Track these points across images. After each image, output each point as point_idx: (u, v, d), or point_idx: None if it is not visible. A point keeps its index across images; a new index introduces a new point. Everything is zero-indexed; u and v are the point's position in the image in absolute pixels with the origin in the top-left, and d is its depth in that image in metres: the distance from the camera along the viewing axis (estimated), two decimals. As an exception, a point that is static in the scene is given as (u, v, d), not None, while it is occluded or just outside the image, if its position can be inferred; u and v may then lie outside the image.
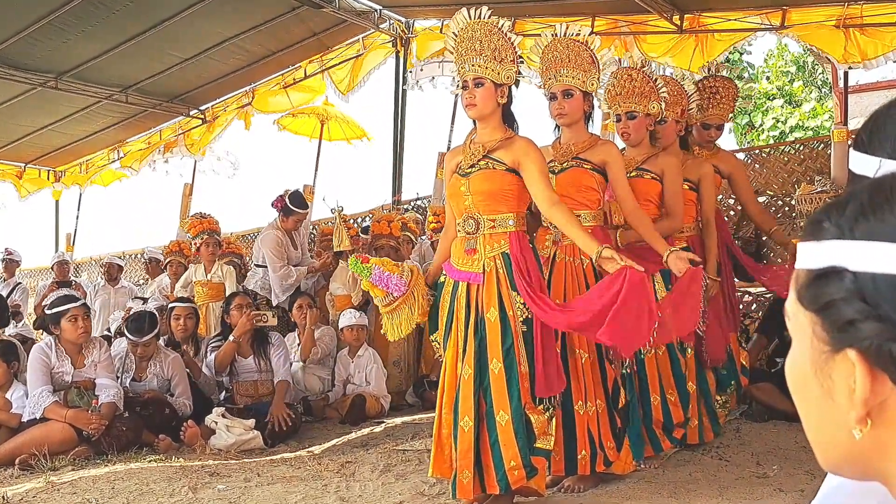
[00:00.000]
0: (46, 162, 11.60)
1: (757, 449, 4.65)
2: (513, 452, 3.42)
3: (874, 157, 0.92)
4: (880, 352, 0.68)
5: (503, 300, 3.53)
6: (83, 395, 5.24)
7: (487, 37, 3.60)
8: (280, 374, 5.87)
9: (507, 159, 3.59)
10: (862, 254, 0.69)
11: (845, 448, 0.74)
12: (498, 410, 3.47)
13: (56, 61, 8.39)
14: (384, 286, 3.77)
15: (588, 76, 3.97)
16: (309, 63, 9.44)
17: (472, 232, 3.63)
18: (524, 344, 3.52)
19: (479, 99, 3.59)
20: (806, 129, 17.86)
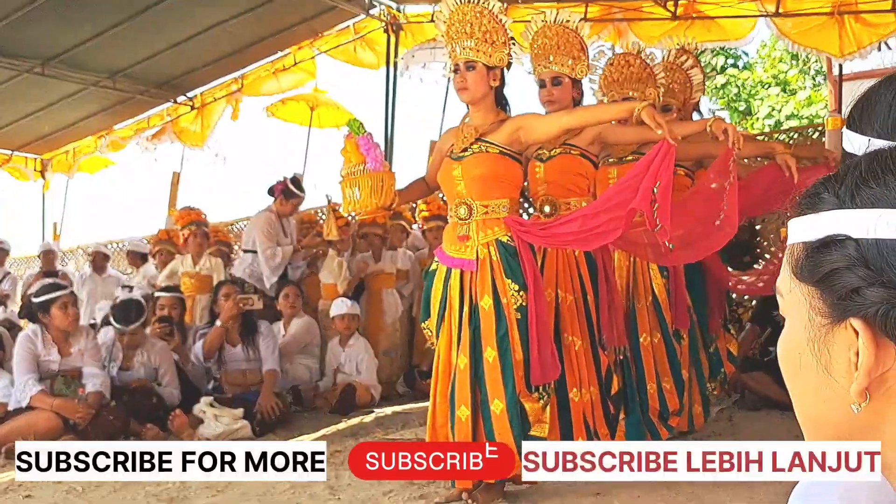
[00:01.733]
0: (33, 149, 11.49)
1: (748, 437, 4.62)
2: (508, 441, 3.37)
3: (863, 135, 0.90)
4: (887, 317, 0.67)
5: (497, 287, 3.49)
6: (70, 384, 5.20)
7: (478, 19, 3.56)
8: (268, 363, 5.83)
9: (502, 139, 3.56)
10: (864, 221, 0.69)
11: (839, 425, 0.74)
12: (492, 399, 3.44)
13: (42, 47, 8.29)
14: (365, 153, 3.66)
15: (577, 63, 3.94)
16: (299, 49, 9.36)
17: (465, 218, 3.59)
18: (519, 331, 3.48)
19: (470, 82, 3.55)
20: (801, 118, 17.84)
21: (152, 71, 9.20)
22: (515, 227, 3.54)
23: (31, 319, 5.48)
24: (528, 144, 3.67)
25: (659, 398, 4.33)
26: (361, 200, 3.68)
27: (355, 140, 3.69)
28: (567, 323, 3.86)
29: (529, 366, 3.48)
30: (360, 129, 3.70)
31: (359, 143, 3.68)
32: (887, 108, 0.89)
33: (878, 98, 0.90)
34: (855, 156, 0.89)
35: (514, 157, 3.62)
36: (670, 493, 3.61)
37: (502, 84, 3.67)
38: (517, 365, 3.45)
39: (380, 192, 3.67)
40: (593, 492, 3.68)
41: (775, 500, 3.27)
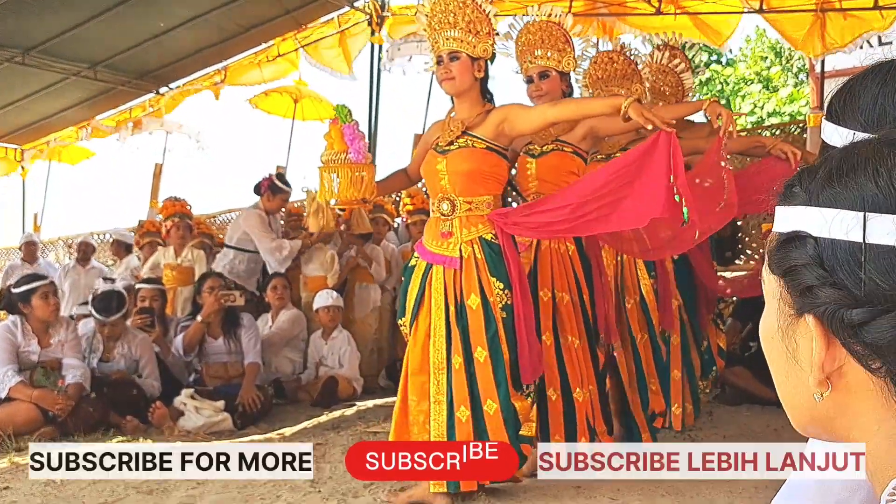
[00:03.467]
0: (12, 139, 11.39)
1: (729, 431, 4.68)
2: (501, 437, 3.35)
3: (847, 128, 0.91)
4: (833, 318, 0.69)
5: (483, 286, 3.44)
6: (49, 375, 5.17)
7: (461, 9, 3.49)
8: (250, 355, 5.81)
9: (488, 133, 3.49)
10: (823, 220, 0.71)
11: (810, 410, 0.76)
12: (485, 399, 3.39)
13: (23, 36, 8.20)
14: (349, 142, 3.58)
15: (563, 56, 3.91)
16: (283, 41, 9.32)
17: (448, 214, 3.53)
18: (505, 330, 3.44)
19: (456, 72, 3.48)
20: (783, 115, 17.96)
21: (134, 61, 9.13)
22: (499, 221, 3.48)
23: (10, 311, 5.44)
24: (513, 137, 3.59)
25: (641, 399, 4.31)
26: (340, 190, 3.61)
27: (340, 127, 3.62)
28: (566, 323, 3.83)
29: (518, 365, 3.43)
30: (348, 118, 3.62)
31: (344, 130, 3.60)
32: (872, 101, 0.89)
33: (863, 90, 0.91)
34: (832, 148, 0.90)
35: (501, 152, 3.56)
36: (650, 485, 3.62)
37: (486, 76, 3.60)
38: (506, 364, 3.41)
39: (359, 184, 3.60)
40: (574, 484, 3.69)
41: (754, 494, 3.30)
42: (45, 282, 5.36)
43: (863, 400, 0.71)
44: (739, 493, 3.44)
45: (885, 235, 0.66)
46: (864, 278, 0.67)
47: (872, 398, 0.70)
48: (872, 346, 0.68)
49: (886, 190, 0.67)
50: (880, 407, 0.70)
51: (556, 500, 3.49)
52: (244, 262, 7.05)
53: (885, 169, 0.68)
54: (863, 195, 0.68)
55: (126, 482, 3.94)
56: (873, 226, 0.67)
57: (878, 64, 0.94)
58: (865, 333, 0.68)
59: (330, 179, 3.61)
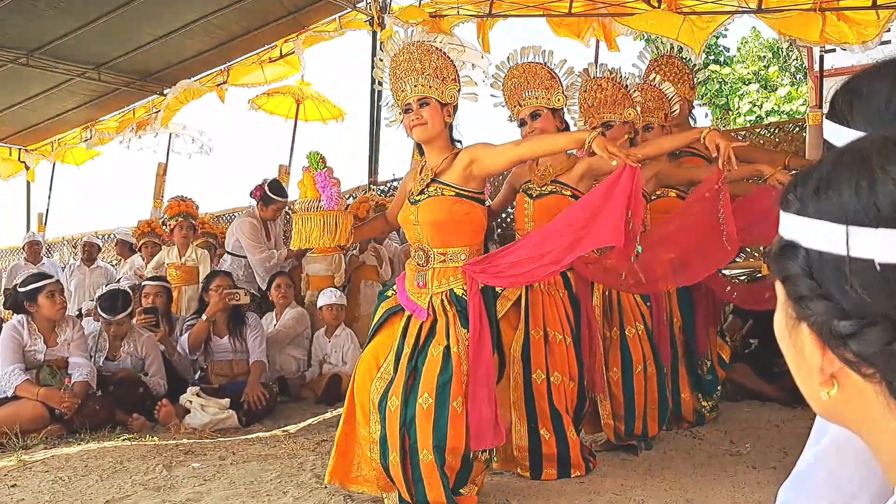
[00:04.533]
0: (17, 140, 11.43)
1: (730, 427, 4.70)
2: (437, 493, 3.25)
3: (856, 130, 0.91)
4: (823, 329, 0.71)
5: (450, 336, 3.32)
6: (55, 374, 5.20)
7: (426, 56, 3.43)
8: (255, 354, 5.85)
9: (456, 178, 3.39)
10: (812, 232, 0.72)
11: (821, 404, 0.77)
12: (421, 449, 3.26)
13: (27, 38, 8.25)
14: (321, 190, 3.56)
15: (551, 93, 3.88)
16: (285, 42, 9.35)
17: (423, 264, 3.44)
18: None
19: (427, 117, 3.38)
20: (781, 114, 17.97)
21: (138, 63, 9.18)
22: (469, 272, 3.33)
23: (16, 310, 5.47)
24: (483, 178, 3.43)
25: (643, 428, 4.24)
26: (313, 238, 3.57)
27: (313, 174, 3.59)
28: (557, 362, 3.81)
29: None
30: (319, 164, 3.59)
31: (316, 178, 3.58)
32: (885, 101, 0.91)
33: (872, 89, 0.92)
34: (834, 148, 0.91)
35: (474, 198, 3.42)
36: (654, 480, 3.66)
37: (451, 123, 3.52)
38: (457, 418, 3.25)
39: (333, 231, 3.56)
40: (578, 480, 3.73)
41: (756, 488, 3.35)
42: (51, 280, 5.40)
43: (868, 398, 0.72)
44: (742, 488, 3.47)
45: (867, 249, 0.67)
46: (849, 291, 0.68)
47: (876, 398, 0.72)
48: (861, 355, 0.69)
49: (867, 204, 0.68)
50: (883, 407, 0.72)
51: (560, 496, 3.52)
52: (242, 268, 7.10)
53: (867, 181, 0.68)
54: (845, 208, 0.69)
55: (133, 479, 3.98)
56: (856, 239, 0.68)
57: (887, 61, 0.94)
58: (854, 344, 0.69)
59: (304, 228, 3.59)
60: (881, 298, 0.67)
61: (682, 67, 5.08)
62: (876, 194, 0.67)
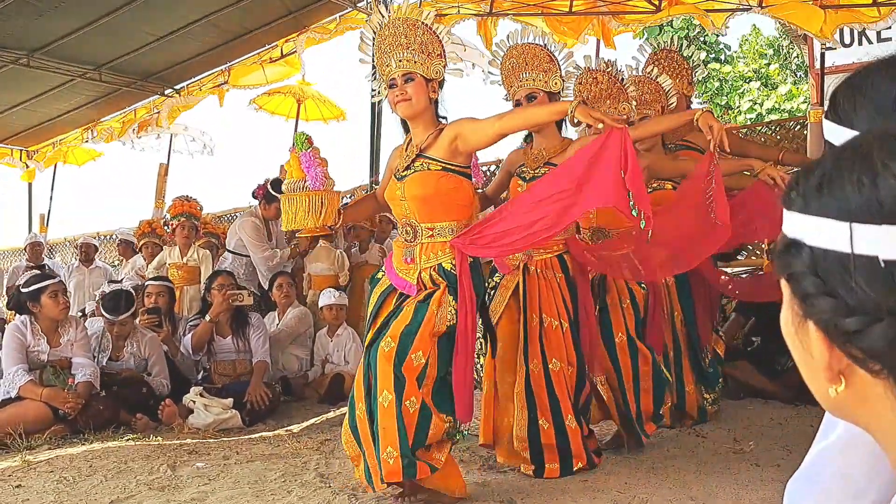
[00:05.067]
0: (18, 141, 11.42)
1: (733, 425, 4.71)
2: (392, 438, 3.20)
3: (854, 130, 0.92)
4: (829, 326, 0.71)
5: (432, 297, 3.32)
6: (59, 374, 5.21)
7: (412, 31, 3.42)
8: (259, 354, 5.86)
9: (442, 153, 3.38)
10: (815, 229, 0.71)
11: (830, 400, 0.77)
12: (381, 391, 3.24)
13: (28, 38, 8.23)
14: (306, 170, 3.54)
15: (549, 76, 3.87)
16: (286, 42, 9.34)
17: (410, 240, 3.44)
18: (439, 347, 3.32)
19: (412, 93, 3.38)
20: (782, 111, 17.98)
21: (139, 63, 9.16)
22: (458, 245, 3.33)
23: (19, 311, 5.48)
24: (468, 152, 3.45)
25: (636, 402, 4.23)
26: (299, 219, 3.56)
27: (298, 155, 3.59)
28: (554, 348, 3.80)
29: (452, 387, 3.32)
30: (305, 145, 3.58)
31: (301, 158, 3.57)
32: (890, 98, 0.90)
33: (874, 87, 0.92)
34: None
35: (461, 172, 3.42)
36: (657, 479, 3.67)
37: (437, 99, 3.52)
38: (413, 370, 3.24)
39: (319, 211, 3.54)
40: (581, 478, 3.73)
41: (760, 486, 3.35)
42: (54, 281, 5.41)
43: (876, 394, 0.72)
44: (746, 486, 3.48)
45: (871, 246, 0.67)
46: (854, 288, 0.68)
47: (883, 393, 0.72)
48: (868, 351, 0.69)
49: (870, 200, 0.68)
50: (891, 402, 0.72)
51: (563, 495, 3.52)
52: (243, 266, 7.11)
53: (869, 177, 0.69)
54: (848, 205, 0.69)
55: (138, 479, 3.99)
56: (859, 236, 0.68)
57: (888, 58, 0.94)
58: (860, 340, 0.69)
59: (291, 209, 3.58)
60: (886, 295, 0.67)
61: (682, 63, 5.08)
62: (878, 190, 0.68)
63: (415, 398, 3.24)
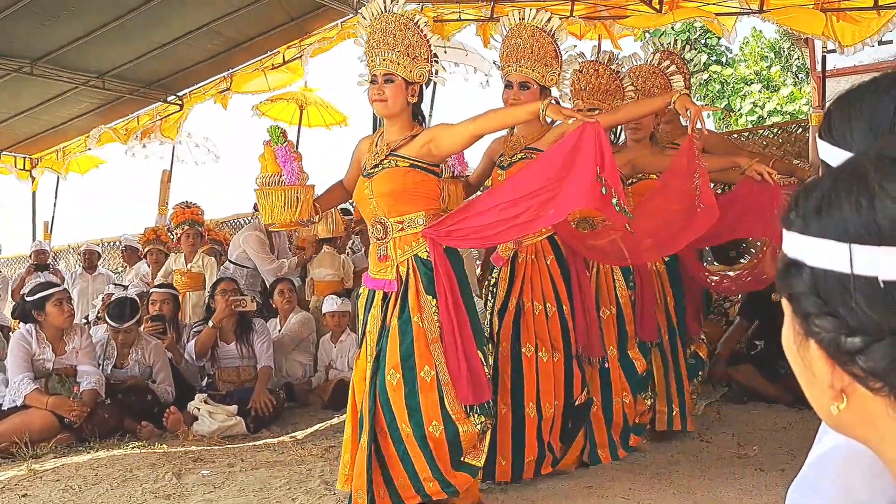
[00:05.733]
0: (22, 149, 11.45)
1: (737, 430, 4.71)
2: (422, 465, 3.24)
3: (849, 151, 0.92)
4: (831, 346, 0.71)
5: (408, 305, 3.31)
6: (64, 382, 5.22)
7: (402, 31, 3.40)
8: (262, 360, 5.86)
9: (412, 152, 3.39)
10: (815, 250, 0.72)
11: (832, 418, 0.78)
12: (401, 423, 3.26)
13: (31, 46, 8.26)
14: (282, 164, 3.53)
15: (549, 70, 3.81)
16: (287, 48, 9.37)
17: (382, 237, 3.43)
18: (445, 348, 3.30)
19: (389, 95, 3.39)
20: (783, 114, 17.97)
21: (141, 70, 9.19)
22: (432, 234, 3.33)
23: (23, 319, 5.49)
24: (441, 156, 3.45)
25: (623, 412, 4.20)
26: (275, 214, 3.55)
27: (273, 149, 3.58)
28: (531, 334, 3.75)
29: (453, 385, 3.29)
30: (279, 139, 3.58)
31: (276, 152, 3.56)
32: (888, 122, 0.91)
33: (872, 106, 0.92)
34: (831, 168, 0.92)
35: (428, 169, 3.42)
36: (662, 484, 3.67)
37: (420, 99, 3.53)
38: (427, 388, 3.24)
39: (294, 206, 3.54)
40: (585, 484, 3.74)
41: (764, 491, 3.35)
42: (58, 289, 5.43)
43: (878, 411, 0.73)
44: (750, 491, 3.48)
45: (870, 266, 0.68)
46: (854, 308, 0.69)
47: (885, 411, 0.72)
48: (869, 369, 0.70)
49: (868, 221, 0.69)
50: (892, 420, 0.72)
51: (567, 500, 3.53)
52: (244, 277, 7.13)
53: (867, 199, 0.69)
54: (847, 226, 0.70)
55: (144, 487, 4.00)
56: (858, 257, 0.69)
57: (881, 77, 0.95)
58: (861, 359, 0.70)
59: (266, 203, 3.57)
60: (886, 314, 0.68)
61: (682, 66, 5.07)
62: (876, 212, 0.68)
63: (437, 421, 3.24)
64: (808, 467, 1.06)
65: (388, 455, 3.30)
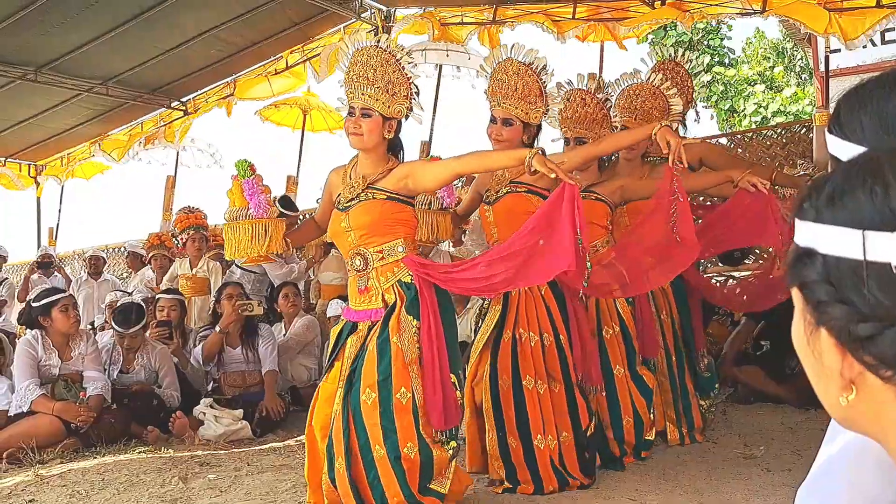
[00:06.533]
0: (27, 156, 11.50)
1: (743, 430, 4.70)
2: (394, 489, 3.20)
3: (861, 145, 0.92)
4: (842, 333, 0.72)
5: (389, 325, 3.30)
6: (70, 388, 5.23)
7: (383, 66, 3.41)
8: (267, 364, 5.86)
9: (389, 185, 3.40)
10: (828, 238, 0.73)
11: (841, 410, 0.78)
12: (374, 445, 3.23)
13: (35, 54, 8.30)
14: (249, 198, 3.52)
15: (532, 108, 3.80)
16: (290, 53, 9.40)
17: (362, 269, 3.41)
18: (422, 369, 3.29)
19: (365, 130, 3.38)
20: (787, 114, 17.96)
21: (145, 77, 9.23)
22: (415, 268, 3.35)
23: (29, 325, 5.50)
24: (417, 191, 3.48)
25: (635, 430, 4.13)
26: (242, 247, 3.53)
27: (241, 182, 3.56)
28: (529, 365, 3.71)
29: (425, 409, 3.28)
30: (247, 172, 3.55)
31: (244, 186, 3.54)
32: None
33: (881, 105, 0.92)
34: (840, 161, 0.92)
35: (404, 201, 3.43)
36: (669, 485, 3.67)
37: (397, 133, 3.52)
38: (403, 410, 3.22)
39: (262, 239, 3.53)
40: (593, 485, 3.73)
41: (771, 492, 3.34)
42: (64, 295, 5.44)
43: (887, 402, 0.73)
44: (757, 492, 3.48)
45: (883, 253, 0.69)
46: (867, 294, 0.70)
47: (894, 401, 0.73)
48: (880, 357, 0.71)
49: (882, 208, 0.70)
50: None
51: (573, 501, 3.53)
52: (251, 282, 7.15)
53: (881, 187, 0.70)
54: (861, 214, 0.71)
55: (150, 492, 4.00)
56: (872, 244, 0.70)
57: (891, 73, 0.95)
58: (872, 346, 0.71)
59: (234, 237, 3.56)
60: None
61: (685, 76, 5.05)
62: (890, 200, 0.70)
63: (412, 443, 3.22)
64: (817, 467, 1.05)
65: (358, 480, 3.26)
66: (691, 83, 5.00)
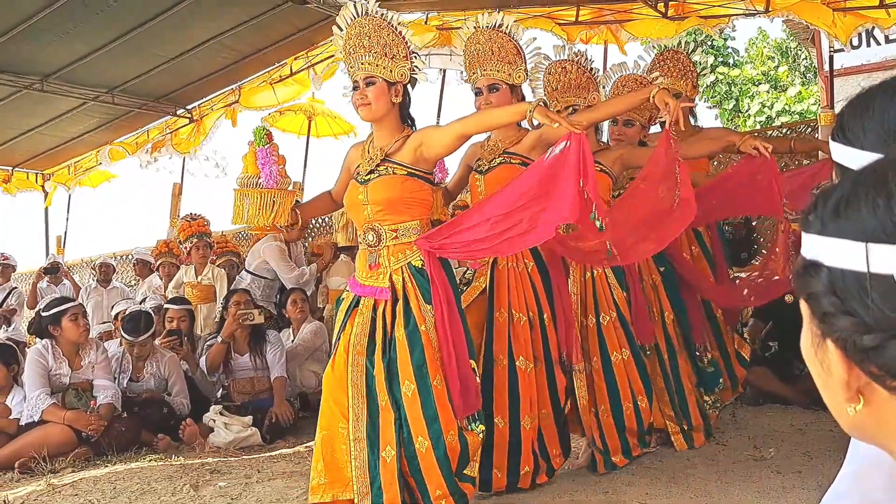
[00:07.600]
0: (34, 165, 11.54)
1: (753, 432, 4.70)
2: (437, 481, 3.19)
3: (867, 151, 0.92)
4: (847, 344, 0.73)
5: (414, 314, 3.28)
6: (81, 397, 5.26)
7: (377, 32, 3.38)
8: (276, 370, 5.87)
9: (407, 158, 3.38)
10: (832, 250, 0.74)
11: (848, 419, 0.79)
12: (416, 436, 3.21)
13: (41, 63, 8.33)
14: (261, 166, 3.51)
15: (513, 68, 3.76)
16: (294, 60, 9.41)
17: (374, 244, 3.40)
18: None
19: (371, 98, 3.36)
20: (792, 114, 17.92)
21: (150, 85, 9.25)
22: (426, 245, 3.31)
23: (39, 335, 5.53)
24: (432, 159, 3.44)
25: (636, 417, 4.12)
26: (248, 215, 3.52)
27: (255, 150, 3.55)
28: (521, 346, 3.71)
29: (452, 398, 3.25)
30: (262, 140, 3.54)
31: (258, 154, 3.53)
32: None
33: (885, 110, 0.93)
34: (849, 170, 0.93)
35: (424, 177, 3.42)
36: (679, 488, 3.67)
37: (407, 100, 3.49)
38: (441, 395, 3.21)
39: (269, 209, 3.52)
40: (602, 490, 3.74)
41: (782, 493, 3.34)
42: (74, 304, 5.47)
43: (894, 412, 0.74)
44: (767, 494, 3.48)
45: (887, 265, 0.70)
46: (871, 306, 0.71)
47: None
48: (886, 367, 0.72)
49: (885, 221, 0.71)
50: None
51: (584, 506, 3.54)
52: (261, 288, 7.16)
53: (884, 199, 0.71)
54: (864, 227, 0.72)
55: (162, 500, 4.02)
56: (875, 256, 0.71)
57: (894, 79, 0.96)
58: (878, 357, 0.71)
59: (242, 204, 3.54)
60: None
61: (687, 64, 5.03)
62: (893, 213, 0.70)
63: (453, 431, 3.22)
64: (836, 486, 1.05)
65: (402, 469, 3.25)
66: (694, 69, 5.00)
